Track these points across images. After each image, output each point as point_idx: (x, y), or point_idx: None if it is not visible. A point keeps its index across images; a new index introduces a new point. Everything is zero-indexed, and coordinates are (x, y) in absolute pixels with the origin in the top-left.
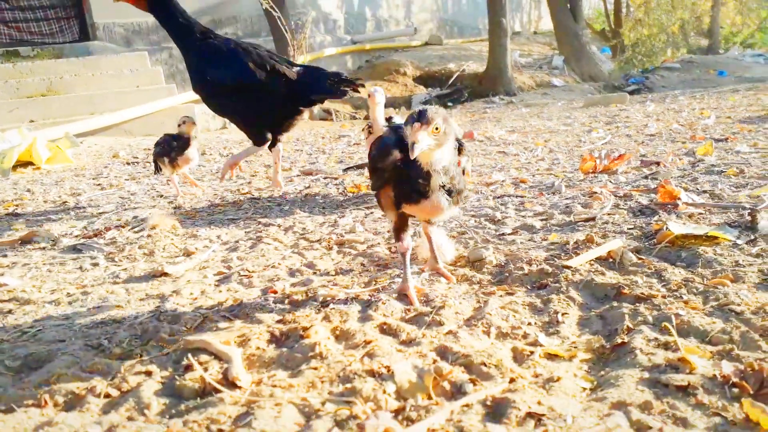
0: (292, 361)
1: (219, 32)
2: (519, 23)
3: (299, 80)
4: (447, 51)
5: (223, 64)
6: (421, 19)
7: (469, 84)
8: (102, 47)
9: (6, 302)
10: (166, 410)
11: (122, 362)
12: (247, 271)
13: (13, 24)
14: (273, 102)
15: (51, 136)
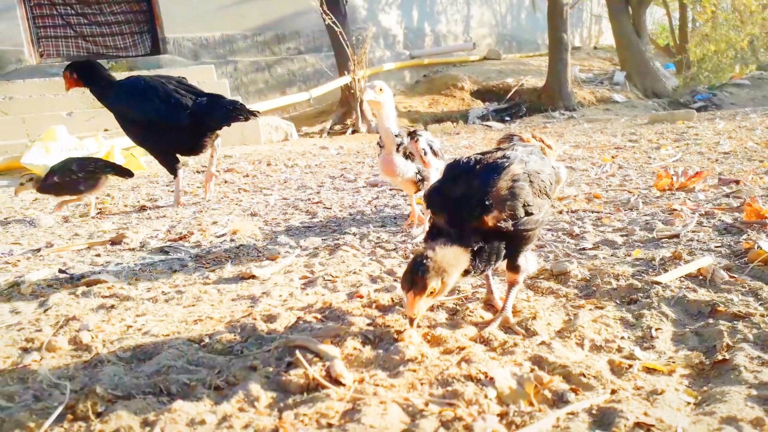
0: (389, 362)
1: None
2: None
3: (199, 111)
4: (505, 66)
5: (135, 103)
6: (480, 34)
7: (528, 98)
8: (171, 60)
9: (108, 298)
10: (274, 403)
11: (226, 357)
12: (331, 276)
13: (90, 38)
14: (176, 134)
15: (125, 144)
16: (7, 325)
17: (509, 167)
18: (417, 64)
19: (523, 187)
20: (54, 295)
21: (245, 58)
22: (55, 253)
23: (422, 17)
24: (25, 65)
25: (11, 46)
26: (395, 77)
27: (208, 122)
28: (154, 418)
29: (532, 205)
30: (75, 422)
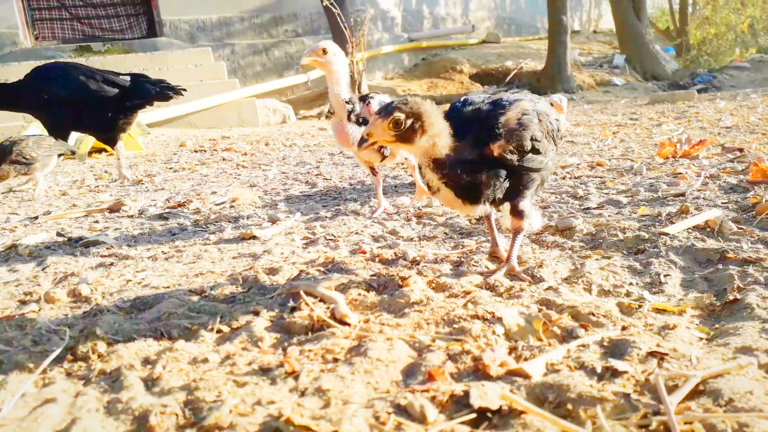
0: (394, 306)
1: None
2: (578, 22)
3: (128, 87)
4: (504, 49)
5: (57, 82)
6: (479, 17)
7: (528, 82)
8: (168, 43)
9: (107, 257)
10: (278, 343)
11: (228, 305)
12: (333, 236)
13: (86, 21)
14: (107, 108)
15: None
16: (4, 281)
17: (520, 102)
18: (415, 47)
19: (532, 121)
20: (52, 255)
21: (242, 40)
22: (53, 220)
23: (421, 0)
24: (20, 48)
25: (6, 28)
26: (393, 60)
27: (135, 98)
28: (155, 357)
29: (539, 142)
30: (75, 362)
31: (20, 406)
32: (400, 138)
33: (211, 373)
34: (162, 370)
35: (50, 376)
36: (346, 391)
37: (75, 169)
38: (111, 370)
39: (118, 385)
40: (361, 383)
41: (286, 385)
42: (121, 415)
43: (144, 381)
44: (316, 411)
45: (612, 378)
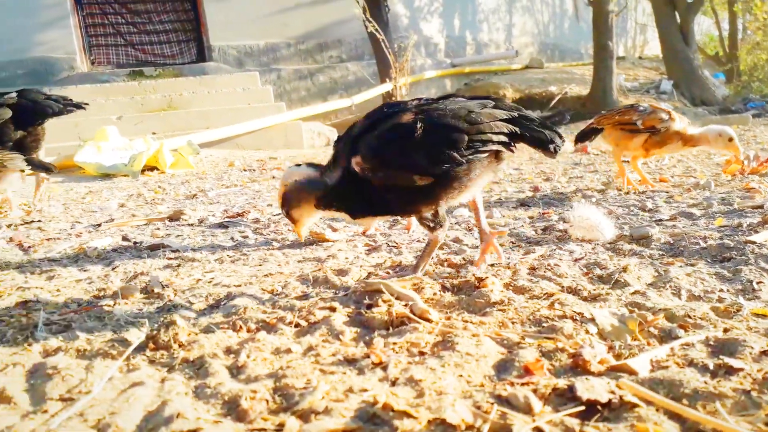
0: (474, 305)
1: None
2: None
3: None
4: (548, 74)
5: None
6: (522, 43)
7: (572, 107)
8: (217, 68)
9: (173, 259)
10: (359, 337)
11: (302, 301)
12: (395, 243)
13: (139, 46)
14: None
15: (174, 144)
16: (76, 279)
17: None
18: (458, 72)
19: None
20: (120, 257)
21: (288, 66)
22: (116, 227)
23: (464, 26)
24: (77, 72)
25: (64, 53)
26: (436, 85)
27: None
28: (237, 347)
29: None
30: (157, 351)
31: (108, 388)
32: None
33: (296, 362)
34: (246, 359)
35: (134, 363)
36: (439, 382)
37: (129, 185)
38: (194, 359)
39: (203, 372)
40: (452, 376)
41: (375, 375)
42: (211, 399)
43: (229, 369)
44: (410, 399)
45: (727, 375)
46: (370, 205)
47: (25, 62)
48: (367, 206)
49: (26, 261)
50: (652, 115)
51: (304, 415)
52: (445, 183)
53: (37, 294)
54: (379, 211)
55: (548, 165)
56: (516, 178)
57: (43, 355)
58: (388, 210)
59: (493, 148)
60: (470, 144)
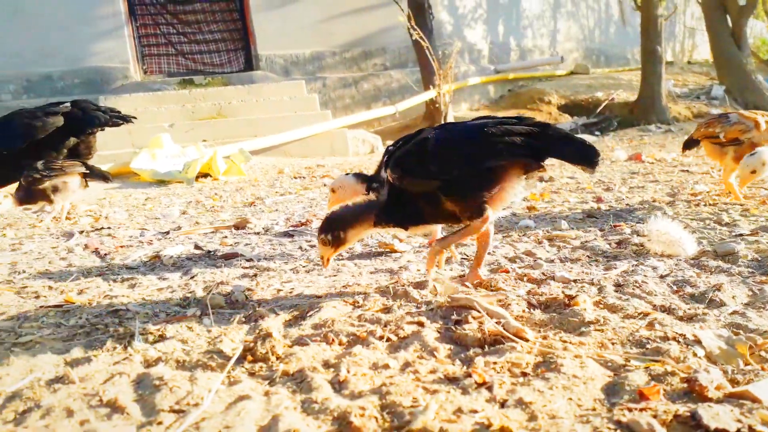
0: (567, 324)
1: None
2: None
3: (72, 114)
4: (594, 80)
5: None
6: (567, 49)
7: (619, 113)
8: (264, 76)
9: (248, 269)
10: (453, 354)
11: (386, 315)
12: (466, 255)
13: (189, 55)
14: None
15: (225, 152)
16: (158, 287)
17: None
18: (502, 78)
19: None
20: (195, 266)
21: (333, 74)
22: (184, 235)
23: (508, 32)
24: (131, 81)
25: (119, 63)
26: (479, 91)
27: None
28: (335, 361)
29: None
30: (255, 363)
31: (216, 401)
32: (335, 247)
33: (397, 378)
34: (347, 373)
35: (234, 375)
36: (549, 405)
37: (185, 192)
38: (293, 372)
39: (306, 386)
40: (561, 398)
41: (481, 395)
42: (320, 414)
43: (331, 383)
44: (523, 422)
45: None
46: (415, 214)
47: (82, 72)
48: (415, 216)
49: (105, 268)
50: (735, 126)
51: None
52: (466, 189)
53: (124, 302)
54: (419, 220)
55: (604, 174)
56: (574, 187)
57: (144, 365)
58: (426, 218)
59: (502, 161)
60: (481, 155)
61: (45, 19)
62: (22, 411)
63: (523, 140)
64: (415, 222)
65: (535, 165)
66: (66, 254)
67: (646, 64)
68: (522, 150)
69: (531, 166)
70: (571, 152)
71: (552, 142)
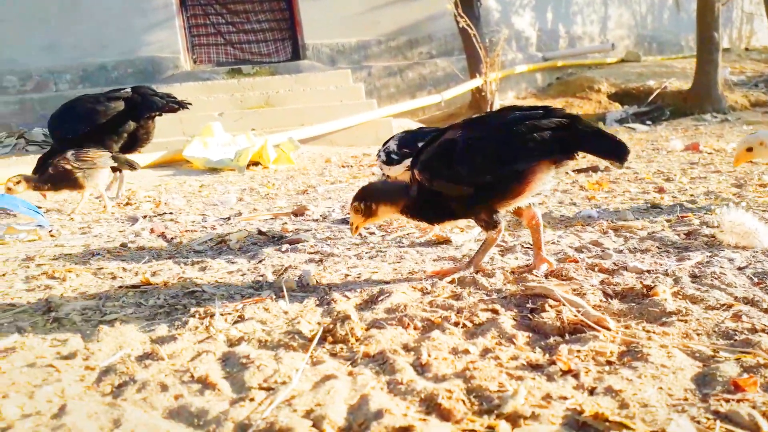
0: (648, 314)
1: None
2: (728, 40)
3: (132, 99)
4: (645, 68)
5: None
6: (618, 36)
7: (672, 102)
8: (310, 66)
9: (313, 254)
10: (532, 341)
11: (457, 301)
12: (529, 244)
13: (237, 45)
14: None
15: (275, 141)
16: (228, 270)
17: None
18: (550, 66)
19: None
20: (262, 250)
21: (378, 63)
22: (245, 221)
23: (557, 19)
24: (181, 71)
25: (170, 53)
26: (526, 79)
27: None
28: (415, 344)
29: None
30: (336, 344)
31: (302, 379)
32: (366, 217)
33: (478, 364)
34: (428, 357)
35: (317, 355)
36: (640, 394)
37: (237, 179)
38: (374, 353)
39: (388, 368)
40: (651, 387)
41: (567, 382)
42: (407, 395)
43: (413, 366)
44: (614, 410)
45: None
46: (439, 211)
47: (135, 62)
48: (439, 212)
49: (174, 251)
50: None
51: (512, 419)
52: (494, 190)
53: (198, 284)
54: (446, 217)
55: (662, 164)
56: (632, 177)
57: (228, 344)
58: (452, 215)
59: (533, 159)
60: (510, 155)
61: (101, 12)
62: (118, 384)
63: (554, 136)
64: (445, 219)
65: (566, 158)
66: (134, 238)
67: (701, 51)
68: (553, 147)
69: (561, 159)
70: (601, 146)
71: (582, 135)
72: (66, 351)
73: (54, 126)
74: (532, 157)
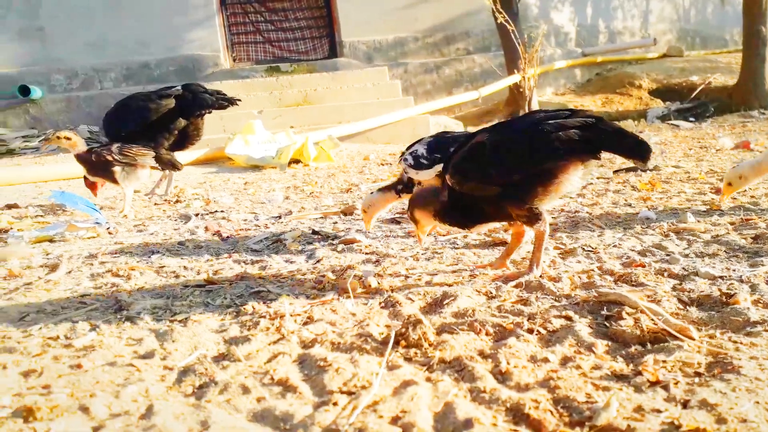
0: (731, 324)
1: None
2: None
3: (183, 97)
4: (688, 63)
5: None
6: (659, 30)
7: (716, 98)
8: (347, 63)
9: (369, 254)
10: (611, 351)
11: (526, 307)
12: (590, 246)
13: (276, 43)
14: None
15: (315, 138)
16: (288, 270)
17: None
18: (590, 61)
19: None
20: (318, 251)
21: (415, 59)
22: (296, 219)
23: (596, 14)
24: (220, 68)
25: (210, 51)
26: (565, 75)
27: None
28: (491, 351)
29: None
30: (409, 348)
31: (381, 384)
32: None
33: (561, 373)
34: (507, 365)
35: (391, 359)
36: (736, 408)
37: (280, 177)
38: (450, 359)
39: (467, 375)
40: (748, 401)
41: (657, 394)
42: (492, 404)
43: (492, 374)
44: (712, 425)
45: None
46: (472, 214)
47: (177, 60)
48: (472, 216)
49: (231, 250)
50: None
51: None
52: (523, 190)
53: (262, 284)
54: (479, 219)
55: (713, 163)
56: (684, 177)
57: (301, 346)
58: (486, 218)
59: (560, 158)
60: (538, 153)
61: (143, 10)
62: (199, 385)
63: (580, 135)
64: (478, 222)
65: (592, 158)
66: (190, 236)
67: (747, 45)
68: (579, 146)
69: (587, 159)
70: (624, 146)
71: (606, 135)
72: (143, 350)
73: (108, 123)
74: (559, 155)
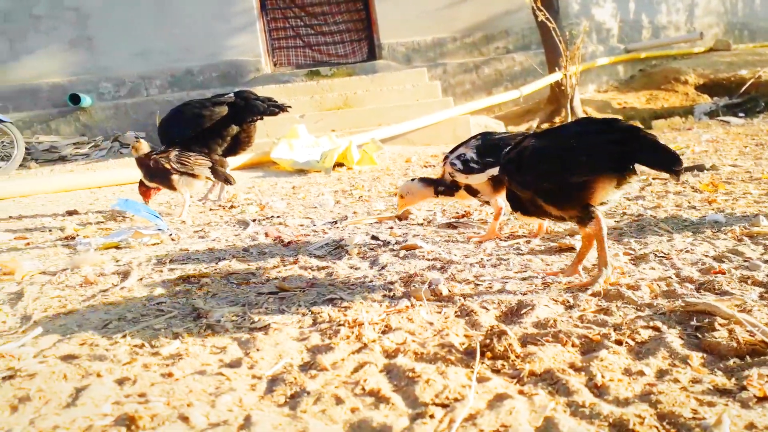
0: None
1: (490, 47)
2: None
3: (235, 104)
4: (736, 57)
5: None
6: (705, 24)
7: (767, 92)
8: (386, 65)
9: (432, 260)
10: (707, 363)
11: (607, 317)
12: (662, 252)
13: (316, 47)
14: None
15: (358, 141)
16: (355, 277)
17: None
18: (633, 57)
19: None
20: (381, 256)
21: (453, 60)
22: (352, 225)
23: (639, 8)
24: (262, 74)
25: (252, 56)
26: (607, 72)
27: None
28: (582, 364)
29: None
30: (495, 360)
31: (474, 397)
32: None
33: (659, 387)
34: (602, 378)
35: (479, 370)
36: None
37: (325, 181)
38: (540, 372)
39: (562, 389)
40: None
41: (766, 410)
42: (593, 419)
43: (588, 387)
44: None
45: None
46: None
47: (219, 66)
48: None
49: (296, 256)
50: None
51: None
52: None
53: (332, 291)
54: (538, 214)
55: None
56: (746, 177)
57: (384, 356)
58: (543, 214)
59: (585, 174)
60: (566, 168)
61: (187, 18)
62: (291, 395)
63: (608, 153)
64: (528, 215)
65: (625, 174)
66: (251, 242)
67: None
68: (605, 164)
69: (618, 174)
70: (655, 159)
71: (637, 149)
72: (228, 359)
73: (163, 129)
74: (583, 172)
